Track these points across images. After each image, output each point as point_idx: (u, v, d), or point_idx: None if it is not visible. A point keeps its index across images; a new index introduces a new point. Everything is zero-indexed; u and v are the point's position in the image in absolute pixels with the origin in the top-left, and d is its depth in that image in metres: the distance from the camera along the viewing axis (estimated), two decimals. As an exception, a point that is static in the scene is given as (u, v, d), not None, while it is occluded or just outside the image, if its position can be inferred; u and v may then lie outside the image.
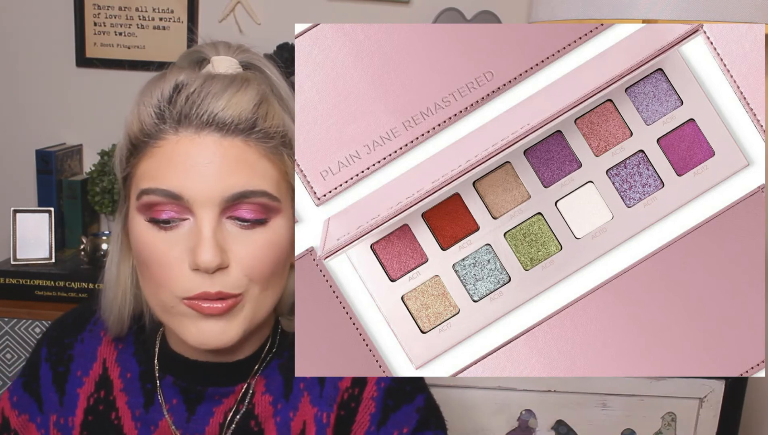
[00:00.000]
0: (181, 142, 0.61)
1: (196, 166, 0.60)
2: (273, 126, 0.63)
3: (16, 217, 1.34)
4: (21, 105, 1.54)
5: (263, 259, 0.63)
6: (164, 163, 0.61)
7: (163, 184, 0.60)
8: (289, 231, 0.66)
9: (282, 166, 0.64)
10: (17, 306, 1.24)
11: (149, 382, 0.72)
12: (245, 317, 0.64)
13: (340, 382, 0.72)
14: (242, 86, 0.63)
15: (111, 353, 0.74)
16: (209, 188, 0.60)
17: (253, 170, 0.62)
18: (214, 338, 0.63)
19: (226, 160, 0.60)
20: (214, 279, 0.61)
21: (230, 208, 0.61)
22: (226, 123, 0.61)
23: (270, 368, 0.72)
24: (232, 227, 0.62)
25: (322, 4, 1.52)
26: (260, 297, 0.64)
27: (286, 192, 0.65)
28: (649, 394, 1.19)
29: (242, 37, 1.51)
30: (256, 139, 0.62)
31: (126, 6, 1.49)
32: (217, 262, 0.60)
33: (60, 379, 0.73)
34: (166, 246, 0.61)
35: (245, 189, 0.61)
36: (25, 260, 1.32)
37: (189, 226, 0.61)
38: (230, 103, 0.61)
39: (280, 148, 0.64)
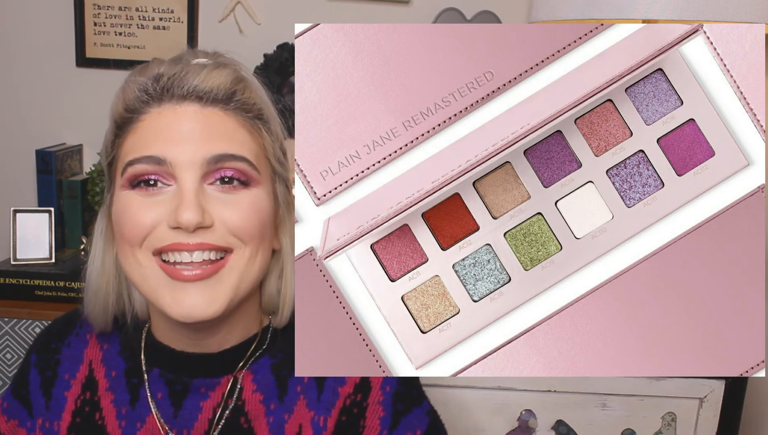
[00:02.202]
0: (163, 113, 0.63)
1: (178, 133, 0.62)
2: (251, 99, 0.66)
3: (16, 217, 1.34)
4: (21, 105, 1.53)
5: (249, 219, 0.64)
6: (148, 134, 0.63)
7: (147, 151, 0.62)
8: (271, 205, 0.67)
9: (260, 140, 0.66)
10: (17, 306, 1.24)
11: (135, 377, 0.72)
12: (231, 285, 0.64)
13: (341, 388, 0.71)
14: (219, 66, 0.66)
15: (97, 354, 0.74)
16: (191, 151, 0.62)
17: (233, 137, 0.64)
18: (195, 309, 0.62)
19: (206, 126, 0.63)
20: (195, 234, 0.62)
21: (213, 172, 0.63)
22: (206, 92, 0.64)
23: (259, 365, 0.71)
24: (215, 192, 0.63)
25: (322, 4, 1.52)
26: (249, 263, 0.64)
27: (265, 168, 0.67)
28: (649, 394, 1.19)
29: (242, 37, 1.51)
30: (234, 109, 0.65)
31: (126, 6, 1.49)
32: (198, 220, 0.61)
33: (47, 383, 0.74)
34: (147, 208, 0.62)
35: (225, 151, 0.63)
36: (25, 260, 1.32)
37: (172, 191, 0.63)
38: (209, 76, 0.64)
39: (257, 123, 0.66)
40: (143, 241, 0.63)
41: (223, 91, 0.65)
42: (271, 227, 0.68)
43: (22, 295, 1.27)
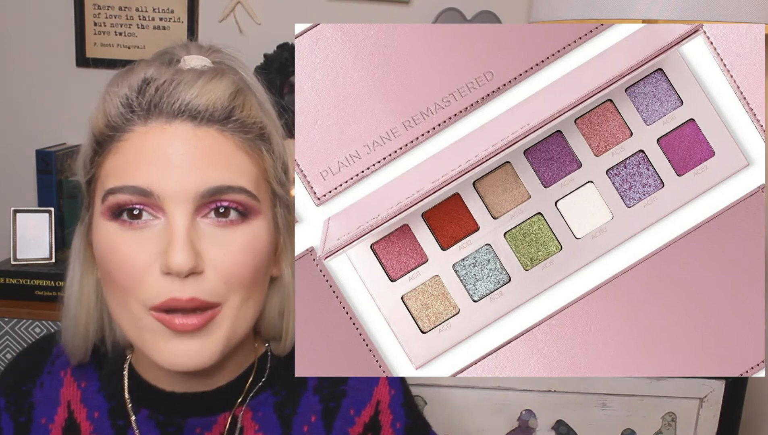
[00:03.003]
0: (150, 133, 0.55)
1: (166, 158, 0.54)
2: (251, 117, 0.58)
3: (16, 217, 1.34)
4: (21, 105, 1.54)
5: (243, 263, 0.57)
6: (131, 158, 0.55)
7: (131, 180, 0.54)
8: (270, 237, 0.60)
9: (261, 163, 0.59)
10: (17, 306, 1.24)
11: (120, 419, 0.65)
12: (224, 333, 0.57)
13: (351, 428, 0.68)
14: (216, 76, 0.58)
15: (75, 394, 0.67)
16: (182, 182, 0.54)
17: (230, 164, 0.56)
18: (188, 359, 0.56)
19: (199, 151, 0.55)
20: (186, 284, 0.54)
21: (207, 204, 0.55)
22: (200, 110, 0.55)
23: (259, 401, 0.67)
24: (208, 227, 0.56)
25: (322, 4, 1.52)
26: (241, 309, 0.58)
27: (265, 193, 0.60)
28: (649, 394, 1.19)
29: (242, 37, 1.51)
30: (232, 130, 0.57)
31: (126, 6, 1.49)
32: (191, 265, 0.53)
33: (22, 430, 0.67)
34: (135, 248, 0.55)
35: (221, 184, 0.55)
36: (25, 260, 1.32)
37: (160, 226, 0.55)
38: (204, 90, 0.56)
39: (258, 143, 0.59)
40: (136, 289, 0.55)
41: (220, 108, 0.56)
42: (268, 264, 0.61)
43: (22, 295, 1.27)
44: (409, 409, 0.74)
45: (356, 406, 0.70)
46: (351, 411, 0.69)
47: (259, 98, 0.62)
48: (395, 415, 0.71)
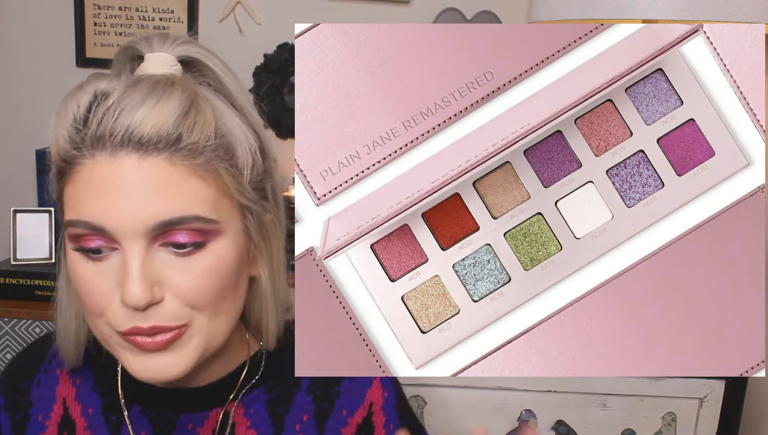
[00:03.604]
0: (96, 167, 0.54)
1: (114, 194, 0.54)
2: (202, 138, 0.55)
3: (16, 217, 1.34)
4: (21, 105, 1.54)
5: (203, 288, 0.56)
6: (83, 191, 0.55)
7: (84, 215, 0.55)
8: (237, 250, 0.59)
9: (219, 182, 0.57)
10: (17, 306, 1.24)
11: (113, 415, 0.67)
12: (196, 347, 0.58)
13: (344, 429, 0.69)
14: (164, 94, 0.55)
15: (70, 391, 0.69)
16: (131, 218, 0.53)
17: (181, 193, 0.54)
18: (159, 372, 0.57)
19: (147, 184, 0.53)
20: (148, 314, 0.55)
21: (161, 235, 0.55)
22: (144, 141, 0.53)
23: (252, 399, 0.68)
24: (167, 255, 0.55)
25: (322, 4, 1.52)
26: (211, 325, 0.58)
27: (228, 209, 0.58)
28: (649, 394, 1.19)
29: (242, 37, 1.51)
30: (182, 157, 0.54)
31: (126, 6, 1.49)
32: (146, 299, 0.54)
33: (19, 426, 0.68)
34: (97, 278, 0.56)
35: (172, 216, 0.54)
36: (25, 260, 1.32)
37: (119, 256, 0.55)
38: (148, 117, 0.54)
39: (213, 163, 0.56)
40: (103, 314, 0.56)
41: (166, 136, 0.54)
42: (237, 277, 0.60)
43: (22, 295, 1.27)
44: (403, 411, 0.74)
45: (349, 407, 0.70)
46: (344, 412, 0.70)
47: (231, 93, 0.60)
48: (388, 417, 0.72)
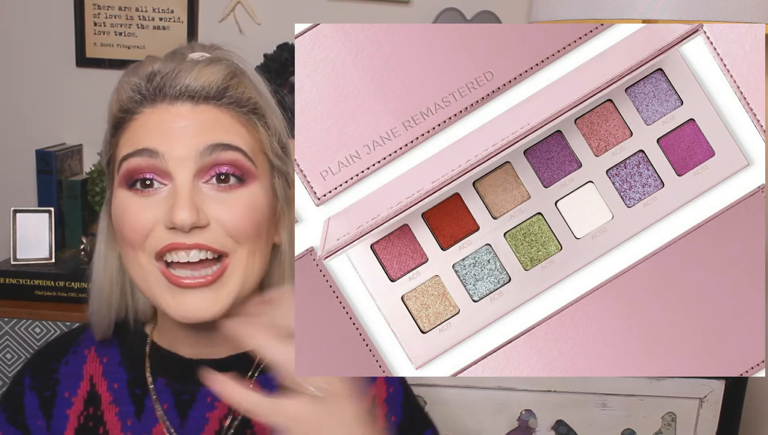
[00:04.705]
0: (156, 113, 0.63)
1: (171, 129, 0.62)
2: (245, 94, 0.66)
3: (16, 217, 1.34)
4: (21, 105, 1.54)
5: (244, 218, 0.63)
6: (142, 130, 0.63)
7: (141, 144, 0.63)
8: (268, 200, 0.66)
9: (257, 135, 0.66)
10: (17, 306, 1.24)
11: (138, 388, 0.71)
12: (235, 286, 0.63)
13: None
14: (213, 62, 0.66)
15: (97, 368, 0.73)
16: (184, 144, 0.62)
17: (227, 130, 0.64)
18: (198, 310, 0.62)
19: (199, 121, 0.63)
20: (191, 234, 0.61)
21: (207, 168, 0.62)
22: (197, 91, 0.63)
23: (267, 379, 0.71)
24: (210, 190, 0.63)
25: (322, 4, 1.52)
26: (249, 261, 0.64)
27: (262, 163, 0.66)
28: (649, 394, 1.19)
29: (242, 37, 1.51)
30: (227, 105, 0.64)
31: (126, 6, 1.49)
32: (193, 219, 0.60)
33: (47, 404, 0.72)
34: (144, 211, 0.62)
35: (220, 141, 0.62)
36: (25, 260, 1.32)
37: (167, 191, 0.62)
38: (201, 74, 0.64)
39: (252, 118, 0.66)
40: (143, 243, 0.62)
41: (215, 87, 0.64)
42: (269, 223, 0.67)
43: (22, 295, 1.27)
44: (408, 408, 0.75)
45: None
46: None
47: (254, 82, 0.69)
48: (390, 409, 0.73)
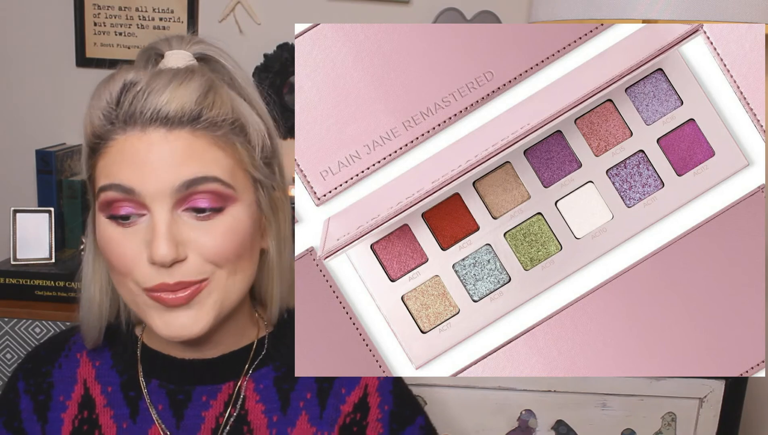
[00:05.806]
0: (128, 140, 0.62)
1: (144, 162, 0.61)
2: (220, 114, 0.63)
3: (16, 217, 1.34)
4: (21, 105, 1.53)
5: (224, 245, 0.63)
6: (117, 160, 0.62)
7: (117, 179, 0.62)
8: (251, 218, 0.65)
9: (235, 154, 0.64)
10: (17, 306, 1.24)
11: (132, 390, 0.71)
12: (214, 303, 0.64)
13: (342, 406, 0.72)
14: (185, 79, 0.63)
15: (90, 372, 0.73)
16: (159, 180, 0.61)
17: (203, 159, 0.62)
18: (183, 329, 0.63)
19: (173, 152, 0.61)
20: (173, 271, 0.61)
21: (184, 199, 0.62)
22: (170, 117, 0.61)
23: (261, 375, 0.72)
24: (189, 219, 0.62)
25: (322, 4, 1.52)
26: (228, 282, 0.64)
27: (243, 181, 0.65)
28: (649, 394, 1.19)
29: (242, 37, 1.51)
30: (203, 129, 0.62)
31: (126, 6, 1.49)
32: (172, 256, 0.60)
33: (41, 407, 0.72)
34: (126, 241, 0.62)
35: (195, 176, 0.61)
36: (25, 260, 1.32)
37: (146, 221, 0.62)
38: (173, 96, 0.61)
39: (230, 137, 0.64)
40: (131, 273, 0.63)
41: (188, 111, 0.62)
42: (253, 239, 0.66)
43: (22, 295, 1.27)
44: (399, 398, 0.75)
45: (347, 387, 0.73)
46: (342, 390, 0.73)
47: (233, 90, 0.66)
48: (383, 398, 0.73)
